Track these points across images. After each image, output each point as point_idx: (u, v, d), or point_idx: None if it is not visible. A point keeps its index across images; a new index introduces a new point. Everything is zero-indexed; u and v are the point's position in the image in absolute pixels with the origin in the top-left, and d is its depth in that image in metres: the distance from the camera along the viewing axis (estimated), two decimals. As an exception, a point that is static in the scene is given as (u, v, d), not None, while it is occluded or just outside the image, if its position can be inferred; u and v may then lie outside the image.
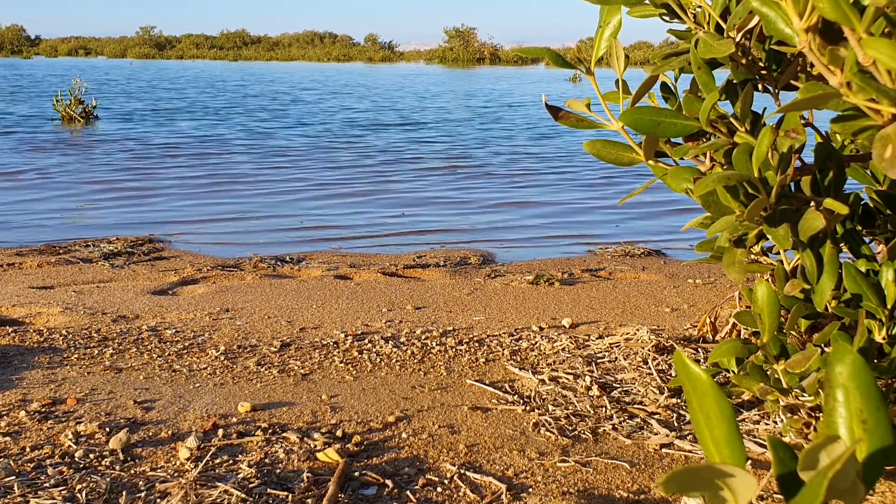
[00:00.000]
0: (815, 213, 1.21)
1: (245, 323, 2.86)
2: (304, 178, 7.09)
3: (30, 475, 1.68)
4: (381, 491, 1.65)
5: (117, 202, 5.89)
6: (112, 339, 2.63)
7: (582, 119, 1.49)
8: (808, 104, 1.04)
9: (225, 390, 2.19)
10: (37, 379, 2.25)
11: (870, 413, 0.61)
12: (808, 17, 0.96)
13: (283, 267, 3.85)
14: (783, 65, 1.38)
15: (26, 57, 54.31)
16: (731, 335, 2.44)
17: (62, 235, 4.66)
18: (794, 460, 0.61)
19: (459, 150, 9.12)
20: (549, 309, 3.08)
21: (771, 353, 1.53)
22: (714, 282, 3.55)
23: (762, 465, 1.75)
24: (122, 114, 13.12)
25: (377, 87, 23.22)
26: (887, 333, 1.43)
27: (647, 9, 1.47)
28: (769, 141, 1.20)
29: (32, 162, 7.73)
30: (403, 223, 5.20)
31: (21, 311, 2.96)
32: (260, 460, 1.76)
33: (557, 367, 2.37)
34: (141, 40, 64.16)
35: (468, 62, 50.05)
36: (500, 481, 1.68)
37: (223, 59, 54.13)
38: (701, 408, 0.64)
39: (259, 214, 5.45)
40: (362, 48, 61.21)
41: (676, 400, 2.10)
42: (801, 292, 1.45)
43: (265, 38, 66.32)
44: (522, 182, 7.03)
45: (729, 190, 1.28)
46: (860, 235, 1.51)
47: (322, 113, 14.22)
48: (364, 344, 2.62)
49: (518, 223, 5.29)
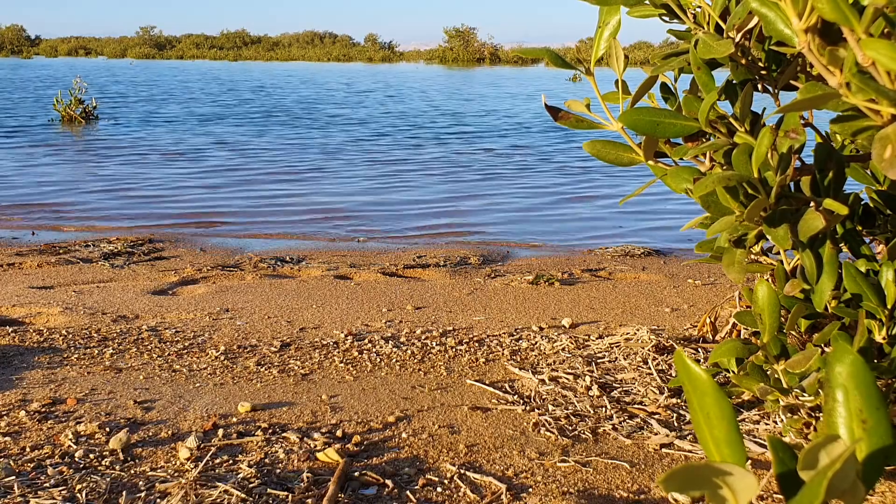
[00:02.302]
0: (815, 214, 1.21)
1: (245, 323, 2.86)
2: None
3: (30, 475, 1.68)
4: (381, 491, 1.65)
5: (117, 202, 5.89)
6: (112, 339, 2.63)
7: (581, 119, 1.50)
8: (808, 104, 1.04)
9: (225, 390, 2.19)
10: (37, 379, 2.25)
11: (869, 413, 0.61)
12: (807, 17, 0.96)
13: (282, 267, 3.86)
14: (783, 65, 1.38)
15: (26, 57, 54.30)
16: (732, 335, 2.44)
17: (62, 235, 4.66)
18: (794, 460, 0.61)
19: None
20: (549, 309, 3.09)
21: (771, 353, 1.53)
22: (714, 282, 3.55)
23: (762, 465, 1.75)
24: (126, 115, 13.12)
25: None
26: (887, 333, 1.43)
27: (647, 9, 1.47)
28: (769, 141, 1.21)
29: (32, 162, 7.73)
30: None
31: (21, 311, 2.97)
32: (260, 460, 1.76)
33: (557, 367, 2.37)
34: (141, 40, 64.14)
35: (468, 62, 50.03)
36: (500, 481, 1.68)
37: (223, 59, 54.07)
38: (701, 408, 0.64)
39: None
40: (362, 48, 61.19)
41: (676, 400, 2.10)
42: (801, 292, 1.46)
43: (265, 38, 66.32)
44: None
45: (728, 190, 1.28)
46: (860, 235, 1.51)
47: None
48: (364, 344, 2.62)
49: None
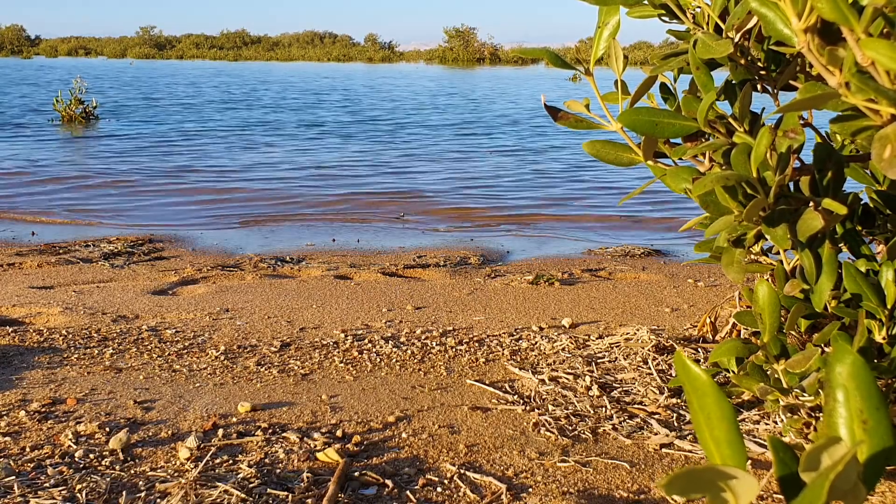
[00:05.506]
0: (814, 214, 1.21)
1: (245, 323, 2.86)
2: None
3: (30, 475, 1.68)
4: (381, 491, 1.65)
5: (117, 202, 5.89)
6: (112, 339, 2.63)
7: (581, 119, 1.50)
8: (807, 104, 1.04)
9: (225, 390, 2.19)
10: (37, 379, 2.25)
11: (870, 413, 0.61)
12: (806, 17, 0.96)
13: (283, 267, 3.85)
14: (782, 65, 1.38)
15: (26, 57, 54.27)
16: (731, 335, 2.44)
17: (62, 235, 4.66)
18: (794, 461, 0.61)
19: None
20: (549, 309, 3.08)
21: (771, 353, 1.53)
22: (714, 282, 3.55)
23: (762, 465, 1.75)
24: (126, 115, 13.11)
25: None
26: (887, 333, 1.43)
27: (646, 9, 1.47)
28: (767, 141, 1.21)
29: (32, 162, 7.72)
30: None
31: (21, 311, 2.96)
32: (260, 460, 1.76)
33: (557, 367, 2.37)
34: (141, 40, 64.13)
35: (468, 62, 50.01)
36: (500, 481, 1.68)
37: (223, 59, 54.02)
38: (701, 408, 0.64)
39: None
40: (362, 48, 61.16)
41: (676, 400, 2.10)
42: (801, 292, 1.46)
43: (265, 38, 66.30)
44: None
45: (727, 190, 1.28)
46: (860, 235, 1.51)
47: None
48: (364, 344, 2.62)
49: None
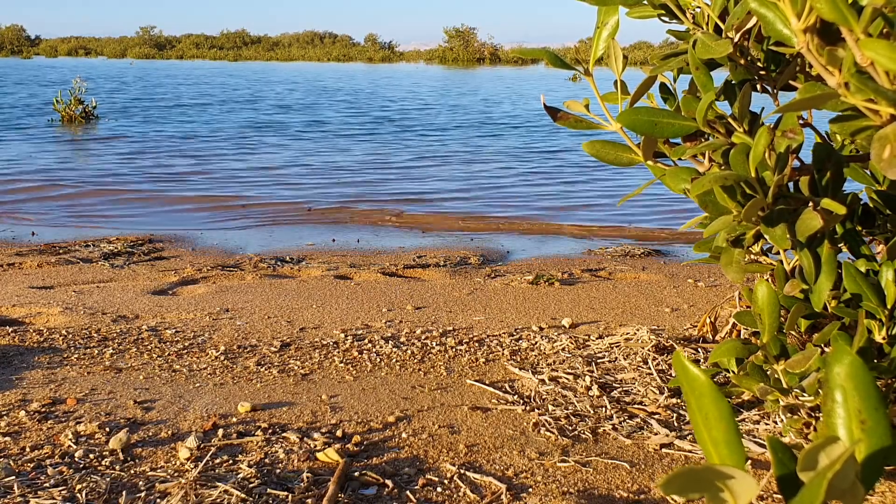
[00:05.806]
0: (813, 214, 1.21)
1: (245, 323, 2.86)
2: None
3: (30, 475, 1.68)
4: (381, 491, 1.65)
5: (116, 201, 5.89)
6: (112, 339, 2.63)
7: (580, 120, 1.50)
8: (807, 104, 1.04)
9: (225, 390, 2.19)
10: (37, 379, 2.25)
11: (868, 413, 0.61)
12: (805, 17, 0.96)
13: (283, 267, 3.85)
14: (781, 65, 1.38)
15: (26, 57, 54.26)
16: (731, 335, 2.44)
17: (62, 235, 4.66)
18: (793, 461, 0.61)
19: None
20: (549, 309, 3.09)
21: (771, 353, 1.53)
22: (714, 282, 3.55)
23: (762, 465, 1.75)
24: (126, 115, 13.11)
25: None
26: (887, 333, 1.43)
27: (646, 9, 1.47)
28: (766, 141, 1.21)
29: (32, 162, 7.72)
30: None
31: (21, 311, 2.97)
32: (260, 460, 1.76)
33: (557, 367, 2.37)
34: (141, 40, 64.12)
35: (468, 62, 50.01)
36: (500, 481, 1.68)
37: (223, 59, 53.99)
38: (699, 408, 0.64)
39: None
40: (362, 48, 61.15)
41: (676, 400, 2.10)
42: (801, 292, 1.46)
43: (265, 38, 66.30)
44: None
45: (726, 190, 1.28)
46: (860, 235, 1.51)
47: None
48: (364, 344, 2.62)
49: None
